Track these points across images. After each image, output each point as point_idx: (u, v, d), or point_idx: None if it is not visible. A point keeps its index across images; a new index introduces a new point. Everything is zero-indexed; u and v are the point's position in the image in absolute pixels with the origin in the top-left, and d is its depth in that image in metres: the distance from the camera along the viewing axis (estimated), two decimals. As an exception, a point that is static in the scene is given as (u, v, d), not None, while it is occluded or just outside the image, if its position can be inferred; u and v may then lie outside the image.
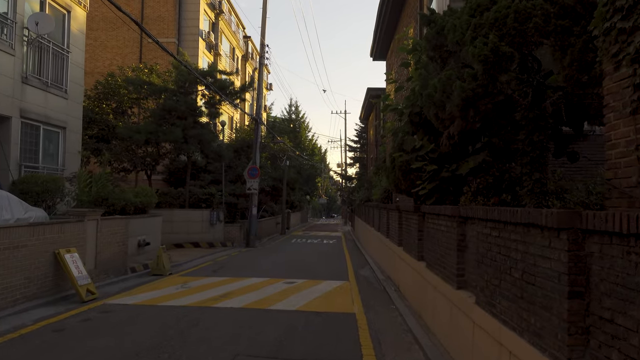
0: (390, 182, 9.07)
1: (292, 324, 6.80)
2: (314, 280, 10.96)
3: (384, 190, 15.22)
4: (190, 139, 18.08)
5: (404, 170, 8.28)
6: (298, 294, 9.22)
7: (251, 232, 20.95)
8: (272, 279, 11.04)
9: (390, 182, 9.04)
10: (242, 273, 12.06)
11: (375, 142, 25.83)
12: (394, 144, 8.74)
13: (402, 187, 8.58)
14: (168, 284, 10.17)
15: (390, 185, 9.04)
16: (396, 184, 8.77)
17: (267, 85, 52.43)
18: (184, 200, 19.95)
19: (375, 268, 13.32)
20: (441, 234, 5.98)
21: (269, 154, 30.48)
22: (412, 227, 8.16)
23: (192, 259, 15.10)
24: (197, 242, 19.31)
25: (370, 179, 21.34)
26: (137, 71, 19.63)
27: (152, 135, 17.47)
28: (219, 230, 20.10)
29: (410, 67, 8.39)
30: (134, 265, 11.37)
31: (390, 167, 8.91)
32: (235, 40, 37.50)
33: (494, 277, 3.94)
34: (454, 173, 7.23)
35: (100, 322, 6.83)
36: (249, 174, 21.01)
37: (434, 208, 6.54)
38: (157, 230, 13.64)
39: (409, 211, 8.35)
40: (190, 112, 18.41)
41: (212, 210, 19.75)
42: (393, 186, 8.85)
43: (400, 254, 9.51)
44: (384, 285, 10.23)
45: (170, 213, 19.07)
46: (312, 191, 56.82)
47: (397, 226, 10.05)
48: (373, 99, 25.29)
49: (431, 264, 6.58)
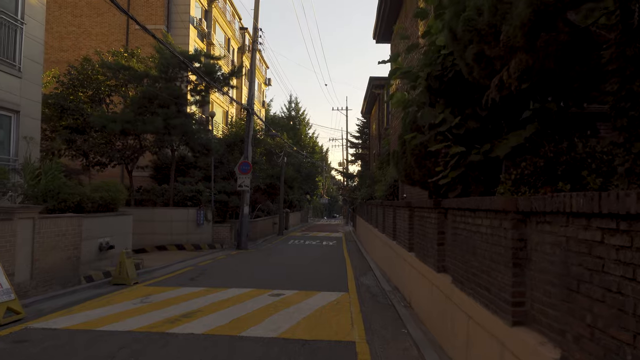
0: (399, 172, 7.21)
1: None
2: (306, 292, 9.10)
3: (389, 186, 13.35)
4: (173, 130, 16.24)
5: (419, 155, 6.42)
6: (284, 311, 7.36)
7: (242, 233, 19.10)
8: (256, 290, 9.20)
9: (399, 171, 7.18)
10: (223, 282, 10.22)
11: (379, 136, 23.97)
12: (405, 123, 6.88)
13: (416, 177, 6.71)
14: (126, 297, 8.33)
15: (400, 176, 7.19)
16: (407, 173, 6.91)
17: (266, 81, 50.58)
18: (168, 198, 18.12)
19: (379, 275, 11.46)
20: (479, 239, 4.12)
21: (265, 149, 28.63)
22: (428, 228, 6.30)
23: (171, 263, 13.27)
24: (182, 244, 17.47)
25: (373, 174, 19.47)
26: (117, 56, 17.81)
27: (129, 125, 15.65)
28: (207, 231, 18.27)
29: (425, 18, 6.51)
30: (92, 273, 9.53)
31: (399, 152, 7.05)
32: (231, 31, 35.68)
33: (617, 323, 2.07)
34: (486, 156, 5.37)
35: (3, 358, 4.99)
36: (240, 169, 19.17)
37: (464, 201, 4.68)
38: (127, 232, 11.80)
39: (425, 207, 6.48)
40: (173, 100, 16.57)
41: (199, 209, 17.91)
42: (403, 176, 6.99)
43: (411, 261, 7.65)
44: (391, 299, 8.37)
45: (151, 212, 17.25)
46: (313, 190, 54.93)
47: (407, 227, 8.19)
48: (376, 90, 23.43)
49: (461, 280, 4.72)
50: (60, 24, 25.75)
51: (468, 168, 5.66)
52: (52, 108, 16.46)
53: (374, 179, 18.47)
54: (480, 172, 5.63)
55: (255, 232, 23.87)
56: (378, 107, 23.99)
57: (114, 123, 15.24)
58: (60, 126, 16.70)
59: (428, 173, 6.39)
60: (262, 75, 48.95)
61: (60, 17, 25.74)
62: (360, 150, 36.14)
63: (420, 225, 6.93)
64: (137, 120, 15.81)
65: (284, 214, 33.46)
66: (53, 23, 25.93)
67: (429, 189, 6.88)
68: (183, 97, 16.90)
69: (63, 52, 25.06)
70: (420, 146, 6.39)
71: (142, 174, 23.66)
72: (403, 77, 6.49)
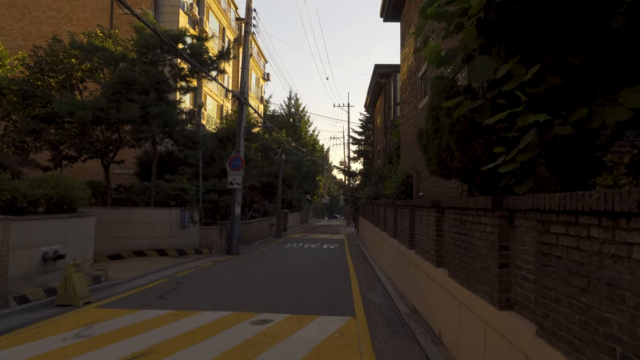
0: (429, 160, 5.17)
1: None
2: (301, 316, 7.09)
3: (401, 183, 11.32)
4: (153, 119, 14.22)
5: (461, 133, 4.40)
6: (267, 353, 5.34)
7: (233, 237, 17.10)
8: (236, 314, 7.19)
9: (429, 158, 5.15)
10: (198, 300, 8.21)
11: (385, 130, 21.95)
12: (438, 89, 4.84)
13: (455, 165, 4.69)
14: (62, 327, 6.31)
15: (430, 164, 5.14)
16: (441, 160, 4.89)
17: (264, 75, 48.53)
18: (149, 197, 16.11)
19: (391, 289, 9.44)
20: (605, 264, 2.09)
21: (261, 144, 26.60)
22: (478, 240, 4.27)
23: (144, 273, 11.26)
24: (164, 249, 15.46)
25: (380, 170, 17.43)
26: (91, 36, 15.80)
27: (102, 112, 13.63)
28: (193, 234, 16.26)
29: None
30: (28, 291, 7.51)
31: (431, 130, 5.01)
32: (226, 20, 33.66)
33: None
34: (581, 127, 3.37)
35: None
36: (230, 165, 17.17)
37: (566, 198, 2.64)
38: (87, 237, 9.79)
39: (470, 209, 4.45)
40: (153, 86, 14.56)
41: (184, 210, 15.90)
42: (435, 164, 4.96)
43: (443, 282, 5.63)
44: (412, 329, 6.34)
45: (129, 213, 15.25)
46: (313, 190, 52.91)
47: (434, 235, 6.16)
48: (382, 79, 21.42)
49: (554, 333, 2.69)
50: (39, 8, 23.80)
51: (548, 148, 3.66)
52: (17, 95, 14.48)
53: (381, 175, 16.44)
54: (568, 153, 3.62)
55: (250, 235, 21.87)
56: (384, 98, 21.96)
57: (84, 110, 13.22)
58: (27, 115, 14.71)
59: (475, 159, 4.37)
60: (260, 70, 46.93)
61: (38, 0, 23.77)
62: (363, 147, 34.08)
63: (459, 234, 4.90)
64: (111, 108, 13.79)
65: (282, 214, 31.45)
66: (31, 8, 24.00)
67: (472, 182, 4.85)
68: (165, 83, 14.87)
69: (41, 38, 23.00)
70: (464, 121, 4.37)
71: (127, 172, 21.71)
72: (438, 19, 4.45)
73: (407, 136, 13.29)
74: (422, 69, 10.67)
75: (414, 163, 11.73)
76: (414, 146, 11.59)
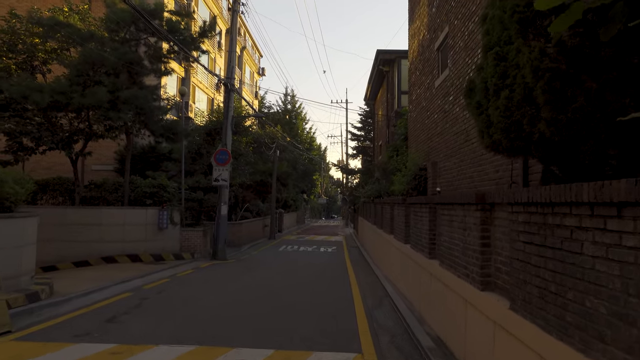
0: (492, 122, 3.26)
1: None
2: (287, 353, 5.22)
3: (413, 176, 9.44)
4: (124, 105, 12.30)
5: (558, 73, 2.51)
6: None
7: (219, 239, 15.21)
8: (202, 350, 5.31)
9: (492, 120, 3.23)
10: (158, 326, 6.33)
11: (387, 123, 20.09)
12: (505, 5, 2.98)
13: (539, 130, 2.80)
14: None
15: (492, 131, 3.19)
16: (508, 125, 2.98)
17: (259, 70, 46.59)
18: (123, 195, 14.20)
19: (403, 307, 7.57)
20: None
21: (253, 139, 24.69)
22: (594, 262, 2.37)
23: (105, 285, 9.36)
24: (138, 254, 13.53)
25: (384, 165, 15.55)
26: (56, 12, 13.88)
27: (62, 96, 11.73)
28: (173, 237, 14.36)
29: None
30: None
31: (491, 77, 3.12)
32: (217, 9, 31.79)
33: None
34: None
35: None
36: (216, 159, 15.28)
37: None
38: (25, 243, 7.85)
39: (585, 205, 2.55)
40: (125, 67, 12.66)
41: (162, 209, 14.00)
42: (499, 132, 3.07)
43: (494, 313, 3.76)
44: (444, 377, 4.47)
45: (97, 213, 13.34)
46: (310, 189, 50.99)
47: (478, 244, 4.28)
48: (384, 66, 19.56)
49: None
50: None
51: None
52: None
53: (385, 170, 14.57)
54: None
55: (240, 237, 19.97)
56: (387, 88, 20.09)
57: (40, 93, 11.31)
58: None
59: (584, 115, 2.49)
60: (254, 64, 44.98)
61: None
62: (362, 143, 32.20)
63: (541, 246, 3.02)
64: (74, 92, 11.89)
65: (277, 214, 29.55)
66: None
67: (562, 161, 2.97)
68: (139, 64, 12.95)
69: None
70: (562, 53, 2.49)
71: (106, 168, 19.81)
72: None
73: (417, 123, 11.43)
74: (440, 37, 8.80)
75: (427, 153, 9.89)
76: (428, 133, 9.74)
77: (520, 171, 4.60)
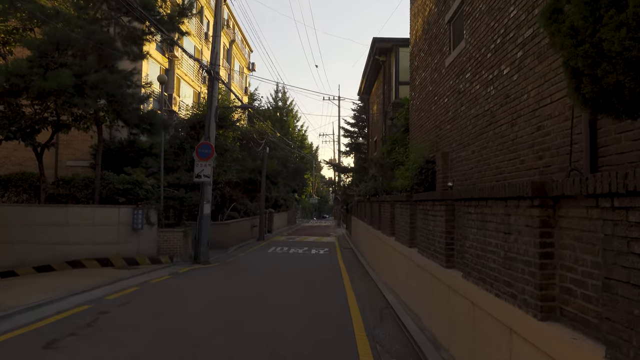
0: (614, 55, 2.01)
1: None
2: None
3: (419, 169, 8.20)
4: (91, 90, 10.93)
5: None
6: None
7: (201, 241, 13.88)
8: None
9: (617, 49, 1.98)
10: (109, 353, 5.03)
11: (384, 117, 18.88)
12: None
13: None
14: None
15: (614, 66, 1.97)
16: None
17: (249, 65, 45.14)
18: (93, 192, 12.82)
19: (411, 325, 6.33)
20: None
21: (241, 134, 23.35)
22: None
23: (61, 296, 8.00)
24: (109, 257, 12.16)
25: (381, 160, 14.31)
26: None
27: (20, 79, 10.34)
28: (149, 239, 13.00)
29: None
30: None
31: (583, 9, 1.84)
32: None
33: None
34: None
35: None
36: (198, 153, 13.95)
37: None
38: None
39: None
40: (94, 48, 11.29)
41: (137, 208, 12.63)
42: (625, 70, 1.81)
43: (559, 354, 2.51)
44: None
45: (63, 212, 11.95)
46: (301, 188, 49.65)
47: (537, 255, 3.04)
48: (380, 56, 18.35)
49: None
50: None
51: None
52: None
53: (383, 165, 13.33)
54: None
55: (227, 238, 18.65)
56: (383, 79, 18.87)
57: (-6, 76, 9.93)
58: None
59: None
60: (244, 59, 43.53)
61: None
62: (355, 140, 30.96)
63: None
64: (34, 74, 10.51)
65: (267, 214, 28.23)
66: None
67: None
68: (110, 44, 11.58)
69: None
70: None
71: (81, 164, 18.37)
72: None
73: (421, 112, 10.20)
74: (454, 6, 7.56)
75: (435, 144, 8.67)
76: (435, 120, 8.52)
77: (587, 152, 3.37)
